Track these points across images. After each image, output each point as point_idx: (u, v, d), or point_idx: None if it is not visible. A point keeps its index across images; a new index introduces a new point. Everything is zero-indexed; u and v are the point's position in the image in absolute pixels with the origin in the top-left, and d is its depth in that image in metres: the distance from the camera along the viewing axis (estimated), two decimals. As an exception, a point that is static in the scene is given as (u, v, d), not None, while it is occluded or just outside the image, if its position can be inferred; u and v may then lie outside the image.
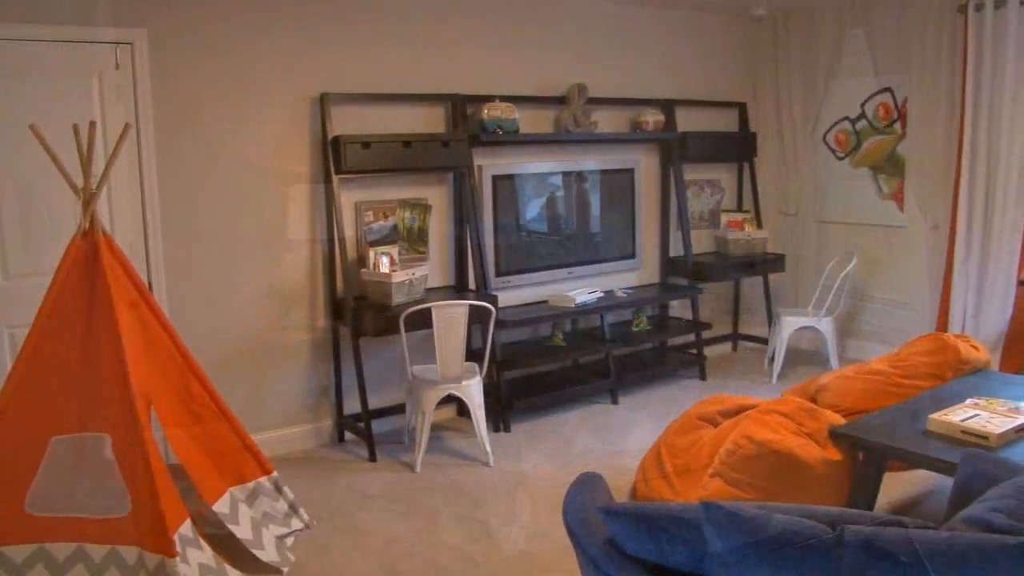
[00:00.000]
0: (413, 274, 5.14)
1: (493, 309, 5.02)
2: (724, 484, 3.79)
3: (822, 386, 4.84)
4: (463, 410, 5.73)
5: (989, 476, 2.34)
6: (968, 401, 4.05)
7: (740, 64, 7.23)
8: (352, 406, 5.34)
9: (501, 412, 5.48)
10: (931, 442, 3.63)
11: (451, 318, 4.74)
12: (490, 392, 5.45)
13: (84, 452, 3.35)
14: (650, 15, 6.54)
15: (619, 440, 5.29)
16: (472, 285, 5.73)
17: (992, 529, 1.81)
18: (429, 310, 4.75)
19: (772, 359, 6.71)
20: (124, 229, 4.53)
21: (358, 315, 5.00)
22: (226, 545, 3.65)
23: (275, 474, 3.96)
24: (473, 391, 4.90)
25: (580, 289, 6.08)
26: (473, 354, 5.56)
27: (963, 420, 3.71)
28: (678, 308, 7.03)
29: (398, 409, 5.53)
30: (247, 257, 4.96)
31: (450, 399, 5.31)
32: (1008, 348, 6.06)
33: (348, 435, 5.39)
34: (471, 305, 4.84)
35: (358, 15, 5.16)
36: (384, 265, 5.14)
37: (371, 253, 5.15)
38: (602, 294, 6.18)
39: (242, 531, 3.59)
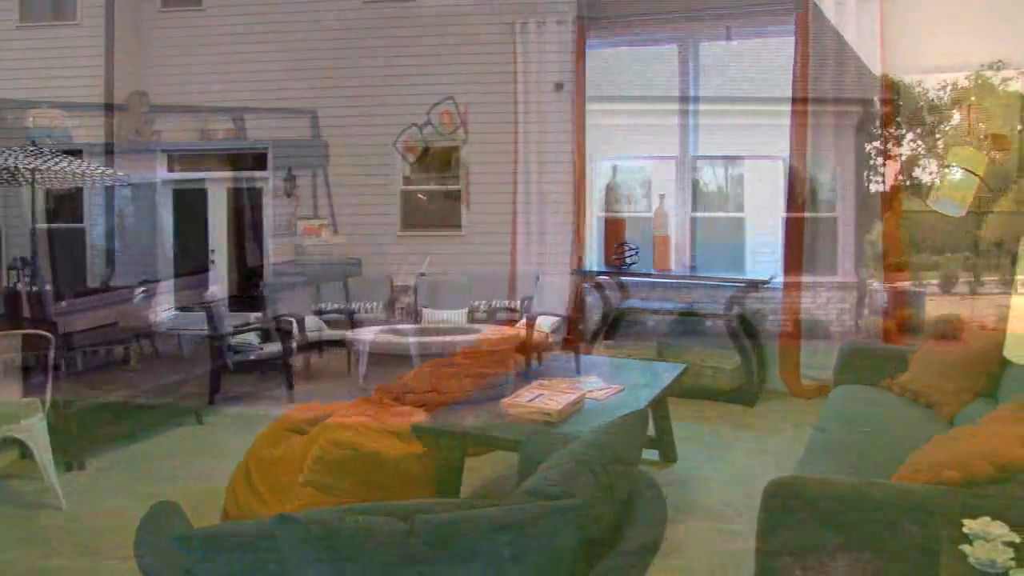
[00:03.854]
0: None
1: (52, 338, 4.57)
2: (315, 492, 3.78)
3: (405, 383, 5.02)
4: (28, 452, 5.16)
5: (548, 449, 2.55)
6: (534, 383, 4.42)
7: (311, 73, 7.25)
8: None
9: (73, 448, 5.01)
10: (504, 425, 3.90)
11: None
12: (58, 429, 4.97)
13: None
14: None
15: (207, 461, 5.07)
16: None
17: (546, 496, 1.97)
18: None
19: (358, 362, 6.82)
20: None
21: None
22: None
23: None
24: (35, 430, 4.43)
25: (156, 309, 5.76)
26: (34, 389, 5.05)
27: (530, 401, 4.03)
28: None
29: (-54, 461, 4.87)
30: None
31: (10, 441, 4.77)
32: (567, 332, 6.69)
33: None
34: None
35: None
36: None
37: None
38: (177, 312, 5.90)
39: None
